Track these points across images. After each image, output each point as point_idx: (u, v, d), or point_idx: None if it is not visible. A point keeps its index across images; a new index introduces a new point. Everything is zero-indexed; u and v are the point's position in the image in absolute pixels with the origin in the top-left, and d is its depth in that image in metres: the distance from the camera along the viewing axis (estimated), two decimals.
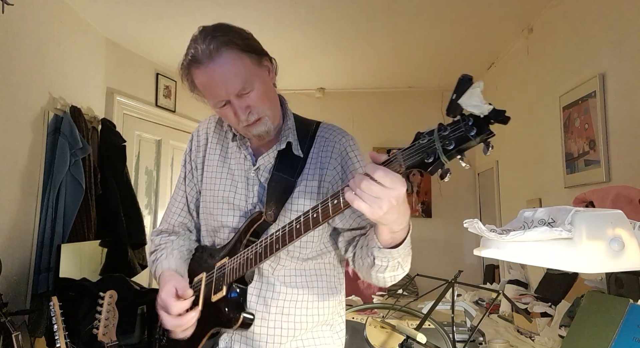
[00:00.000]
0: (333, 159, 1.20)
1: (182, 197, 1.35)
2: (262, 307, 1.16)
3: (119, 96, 3.67)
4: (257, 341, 1.17)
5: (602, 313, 1.00)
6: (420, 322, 1.73)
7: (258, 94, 1.13)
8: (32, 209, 2.67)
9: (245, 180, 1.23)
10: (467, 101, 0.70)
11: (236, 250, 1.16)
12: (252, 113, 1.13)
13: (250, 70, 1.12)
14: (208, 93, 1.14)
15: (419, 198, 4.80)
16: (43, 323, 2.52)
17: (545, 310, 2.35)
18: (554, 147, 2.82)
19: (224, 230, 1.23)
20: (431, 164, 0.76)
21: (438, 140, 0.75)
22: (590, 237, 0.87)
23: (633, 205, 1.54)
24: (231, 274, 1.13)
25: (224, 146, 1.29)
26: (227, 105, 1.13)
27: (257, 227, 1.15)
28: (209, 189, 1.27)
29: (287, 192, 1.17)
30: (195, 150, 1.34)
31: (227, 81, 1.09)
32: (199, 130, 1.36)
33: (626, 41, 2.17)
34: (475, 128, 0.71)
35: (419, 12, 3.13)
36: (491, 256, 1.02)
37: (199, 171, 1.31)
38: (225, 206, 1.23)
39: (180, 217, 1.35)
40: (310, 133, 1.25)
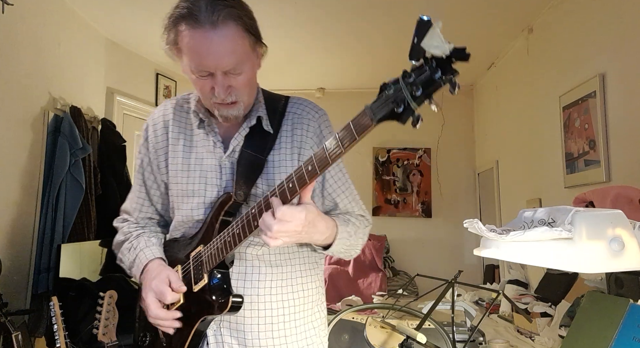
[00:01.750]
0: (309, 138, 1.17)
1: (140, 191, 1.28)
2: (249, 291, 1.13)
3: (119, 96, 3.67)
4: (248, 325, 1.14)
5: (602, 313, 1.00)
6: (420, 322, 1.73)
7: (245, 78, 1.08)
8: (32, 209, 2.67)
9: (218, 169, 1.16)
10: (428, 43, 0.70)
11: (209, 236, 1.11)
12: (231, 94, 1.08)
13: (246, 52, 1.07)
14: (193, 58, 1.04)
15: (419, 198, 4.80)
16: (43, 323, 2.52)
17: (545, 310, 2.35)
18: (554, 147, 2.82)
19: (197, 224, 1.18)
20: (402, 114, 0.76)
21: (405, 87, 0.75)
22: (590, 237, 0.87)
23: (633, 205, 1.54)
24: (210, 261, 1.09)
25: (187, 134, 1.21)
26: (208, 77, 1.06)
27: (228, 209, 1.11)
28: (176, 183, 1.20)
29: (257, 170, 1.13)
30: (154, 140, 1.25)
31: (221, 55, 1.02)
32: (155, 119, 1.26)
33: (626, 41, 2.17)
34: (440, 69, 0.71)
35: (419, 12, 3.12)
36: (491, 256, 1.02)
37: (163, 164, 1.23)
38: (196, 200, 1.17)
39: (142, 212, 1.29)
40: (279, 108, 1.21)
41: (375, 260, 4.33)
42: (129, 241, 1.25)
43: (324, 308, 1.27)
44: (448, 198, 4.74)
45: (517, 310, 2.21)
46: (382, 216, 4.82)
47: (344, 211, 1.21)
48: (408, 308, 1.98)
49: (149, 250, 1.20)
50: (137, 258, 1.20)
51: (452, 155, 4.77)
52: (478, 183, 4.65)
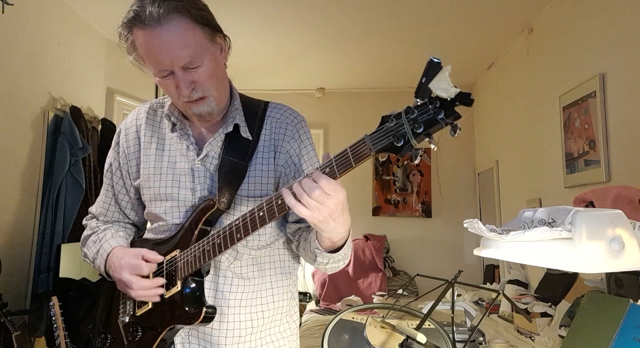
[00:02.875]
0: (285, 142, 1.15)
1: (107, 197, 1.27)
2: (220, 302, 1.11)
3: (119, 96, 3.67)
4: (215, 337, 1.11)
5: (602, 313, 1.00)
6: (420, 322, 1.73)
7: (206, 71, 1.04)
8: (32, 209, 2.67)
9: (191, 173, 1.14)
10: (436, 85, 0.72)
11: (187, 241, 1.08)
12: (196, 90, 1.05)
13: (201, 44, 1.03)
14: (150, 59, 1.03)
15: (419, 198, 4.80)
16: (43, 323, 2.52)
17: (545, 310, 2.35)
18: (554, 147, 2.82)
19: (172, 227, 1.15)
20: (401, 148, 0.77)
21: (407, 123, 0.76)
22: (590, 237, 0.87)
23: (633, 205, 1.54)
24: (185, 267, 1.06)
25: (160, 138, 1.19)
26: (169, 76, 1.03)
27: (210, 216, 1.08)
28: (149, 187, 1.17)
29: (239, 177, 1.11)
30: (125, 145, 1.22)
31: (174, 50, 0.99)
32: (127, 123, 1.24)
33: (626, 41, 2.17)
34: (443, 111, 0.73)
35: (419, 12, 3.13)
36: (491, 256, 1.02)
37: (134, 168, 1.21)
38: (169, 204, 1.14)
39: (108, 216, 1.27)
40: (259, 113, 1.18)
41: (375, 260, 4.34)
42: (96, 234, 1.23)
43: (296, 318, 1.25)
44: (448, 198, 4.74)
45: (517, 310, 2.21)
46: (382, 216, 4.82)
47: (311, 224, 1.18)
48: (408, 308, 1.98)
49: (114, 240, 1.19)
50: (100, 248, 1.18)
51: (452, 155, 4.77)
52: (478, 183, 4.65)
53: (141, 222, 1.30)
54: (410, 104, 0.77)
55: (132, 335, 1.15)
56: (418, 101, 0.75)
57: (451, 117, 0.73)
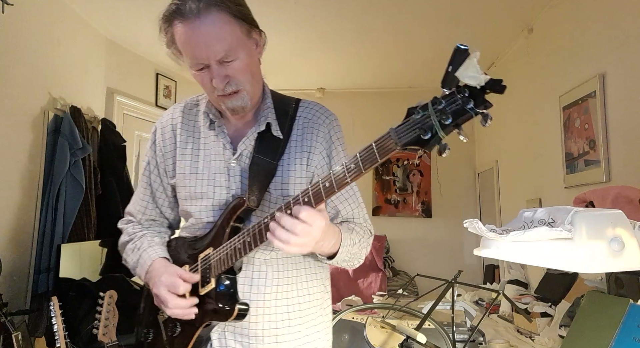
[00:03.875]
0: (318, 144, 1.17)
1: (145, 194, 1.28)
2: (256, 296, 1.12)
3: (119, 96, 3.67)
4: (253, 330, 1.12)
5: (602, 313, 1.00)
6: (420, 322, 1.73)
7: (241, 65, 1.06)
8: (32, 209, 2.67)
9: (226, 171, 1.16)
10: (464, 73, 0.68)
11: (219, 239, 1.10)
12: (230, 84, 1.07)
13: (237, 38, 1.05)
14: (187, 52, 1.06)
15: (419, 198, 4.80)
16: (43, 323, 2.52)
17: (545, 310, 2.35)
18: (554, 147, 2.82)
19: (206, 225, 1.17)
20: (428, 141, 0.73)
21: (434, 114, 0.72)
22: (590, 237, 0.87)
23: (633, 205, 1.54)
24: (219, 265, 1.08)
25: (196, 137, 1.21)
26: (205, 69, 1.06)
27: (241, 214, 1.10)
28: (184, 185, 1.19)
29: (269, 176, 1.12)
30: (161, 144, 1.25)
31: (210, 43, 1.02)
32: (163, 122, 1.26)
33: (626, 41, 2.17)
34: (473, 100, 0.69)
35: (419, 12, 3.13)
36: (491, 256, 1.02)
37: (170, 167, 1.23)
38: (204, 203, 1.16)
39: (146, 215, 1.29)
40: (290, 112, 1.20)
41: (375, 260, 4.33)
42: (133, 242, 1.25)
43: (329, 312, 1.26)
44: (448, 198, 4.74)
45: (517, 310, 2.21)
46: (382, 216, 4.82)
47: (345, 219, 1.20)
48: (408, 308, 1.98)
49: (152, 250, 1.20)
50: (140, 258, 1.20)
51: (452, 155, 4.73)
52: (478, 183, 4.65)
53: (177, 220, 1.33)
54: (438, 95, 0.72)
55: (171, 330, 1.18)
56: (445, 91, 0.71)
57: (482, 106, 0.69)
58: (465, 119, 0.71)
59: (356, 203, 1.22)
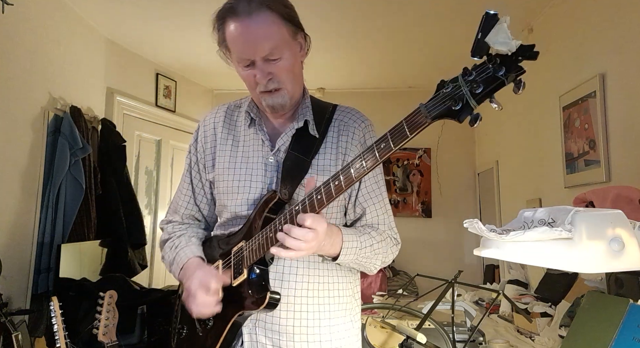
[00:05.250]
0: (353, 146, 1.20)
1: (187, 189, 1.33)
2: (287, 291, 1.14)
3: (119, 96, 3.67)
4: (284, 326, 1.14)
5: (602, 313, 1.00)
6: (420, 322, 1.73)
7: (285, 64, 1.12)
8: (32, 209, 2.67)
9: (264, 166, 1.20)
10: (494, 39, 0.66)
11: (252, 231, 1.13)
12: (272, 81, 1.12)
13: (283, 38, 1.11)
14: (235, 48, 1.11)
15: (419, 198, 4.80)
16: (43, 323, 2.52)
17: (545, 310, 2.35)
18: (554, 147, 2.82)
19: (241, 220, 1.21)
20: (460, 112, 0.72)
21: (464, 85, 0.72)
22: (590, 237, 0.87)
23: (633, 205, 1.54)
24: (251, 256, 1.11)
25: (236, 134, 1.27)
26: (250, 66, 1.12)
27: (273, 206, 1.13)
28: (223, 180, 1.24)
29: (302, 171, 1.16)
30: (202, 141, 1.30)
31: (258, 41, 1.08)
32: (206, 121, 1.33)
33: (626, 41, 2.17)
34: (504, 67, 0.68)
35: (419, 12, 3.13)
36: (491, 256, 1.02)
37: (210, 163, 1.28)
38: (240, 197, 1.20)
39: (187, 210, 1.34)
40: (327, 114, 1.24)
41: None
42: (172, 240, 1.30)
43: (358, 318, 1.27)
44: (448, 198, 4.74)
45: (517, 310, 2.20)
46: None
47: (369, 223, 1.22)
48: (408, 308, 1.98)
49: (189, 249, 1.25)
50: (177, 256, 1.25)
51: (452, 155, 4.77)
52: (478, 183, 4.65)
53: (213, 219, 1.36)
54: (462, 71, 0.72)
55: (204, 323, 1.21)
56: (476, 61, 0.70)
57: (513, 73, 0.68)
58: (497, 87, 0.70)
59: (383, 209, 1.24)
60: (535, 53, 0.66)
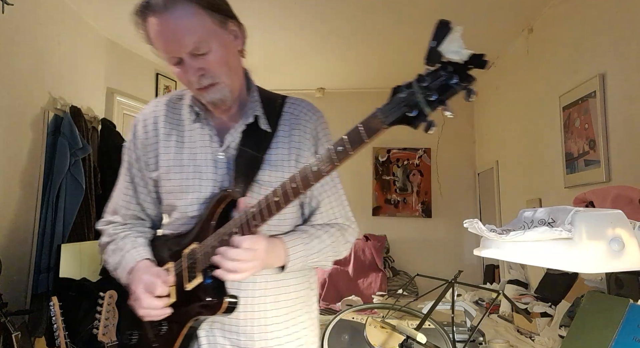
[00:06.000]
0: (307, 140, 1.17)
1: (127, 188, 1.24)
2: (244, 292, 1.10)
3: (119, 96, 3.67)
4: (243, 327, 1.11)
5: (602, 313, 1.00)
6: (420, 322, 1.73)
7: (215, 57, 1.04)
8: (32, 209, 2.67)
9: (213, 164, 1.13)
10: (447, 48, 0.67)
11: (205, 233, 1.07)
12: (205, 77, 1.05)
13: (209, 30, 1.03)
14: (159, 46, 1.05)
15: (419, 198, 4.80)
16: (43, 323, 2.52)
17: (545, 310, 2.35)
18: (554, 147, 2.82)
19: (191, 220, 1.14)
20: (415, 118, 0.73)
21: (419, 91, 0.72)
22: (590, 237, 0.87)
23: (633, 205, 1.54)
24: (205, 259, 1.05)
25: (180, 130, 1.18)
26: (180, 64, 1.05)
27: (226, 206, 1.07)
28: (169, 179, 1.16)
29: (254, 168, 1.11)
30: (143, 137, 1.20)
31: (179, 36, 1.00)
32: (145, 115, 1.22)
33: (626, 41, 2.17)
34: (457, 75, 0.69)
35: (419, 12, 3.13)
36: (491, 256, 1.02)
37: (152, 161, 1.19)
38: (190, 196, 1.13)
39: (129, 210, 1.24)
40: (277, 107, 1.19)
41: (375, 260, 4.34)
42: (115, 243, 1.21)
43: (315, 308, 1.26)
44: (448, 198, 4.74)
45: (517, 310, 2.20)
46: (382, 216, 4.82)
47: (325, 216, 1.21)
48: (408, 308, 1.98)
49: (136, 251, 1.17)
50: (123, 260, 1.16)
51: (452, 155, 4.77)
52: (478, 183, 4.65)
53: (159, 217, 1.28)
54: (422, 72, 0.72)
55: (157, 329, 1.15)
56: (429, 68, 0.72)
57: (465, 81, 0.69)
58: (450, 95, 0.71)
59: (338, 200, 1.22)
60: (484, 62, 0.68)
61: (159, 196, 1.22)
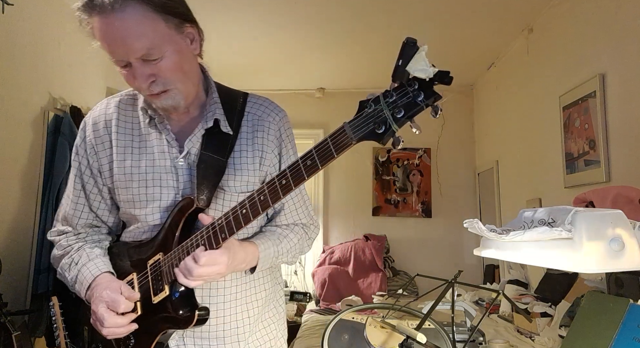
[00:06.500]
0: (270, 142, 1.12)
1: (79, 196, 1.15)
2: (215, 299, 1.09)
3: None
4: (214, 332, 1.10)
5: (602, 313, 1.00)
6: (420, 322, 1.73)
7: (168, 63, 0.96)
8: (32, 209, 2.67)
9: (174, 170, 1.07)
10: (413, 67, 0.69)
11: (169, 244, 1.03)
12: (156, 83, 0.98)
13: (162, 34, 0.95)
14: (105, 48, 0.96)
15: (419, 198, 4.80)
16: (43, 323, 2.52)
17: (545, 310, 2.35)
18: (554, 147, 2.82)
19: (153, 228, 1.09)
20: (383, 135, 0.74)
21: (386, 108, 0.73)
22: (590, 237, 0.87)
23: (633, 205, 1.54)
24: (171, 271, 1.00)
25: (135, 135, 1.10)
26: (128, 67, 0.97)
27: (189, 215, 1.02)
28: (126, 187, 1.09)
29: (219, 173, 1.06)
30: (93, 142, 1.12)
31: (127, 40, 0.92)
32: (95, 118, 1.14)
33: (626, 41, 2.17)
34: (422, 92, 0.70)
35: (419, 12, 3.13)
36: (491, 256, 1.02)
37: (106, 167, 1.11)
38: (151, 205, 1.08)
39: (82, 219, 1.16)
40: (237, 107, 1.13)
41: (375, 260, 4.34)
42: (69, 256, 1.14)
43: (282, 302, 1.27)
44: (448, 198, 4.74)
45: (517, 310, 2.21)
46: (382, 216, 4.82)
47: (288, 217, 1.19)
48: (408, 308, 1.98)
49: (93, 264, 1.10)
50: (79, 274, 1.10)
51: (452, 155, 4.77)
52: (478, 183, 4.65)
53: (117, 224, 1.21)
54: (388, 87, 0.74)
55: (124, 343, 1.10)
56: (395, 84, 0.73)
57: (431, 98, 0.71)
58: (417, 112, 0.72)
59: (301, 201, 1.20)
60: (450, 79, 0.70)
61: (115, 203, 1.16)
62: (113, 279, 1.09)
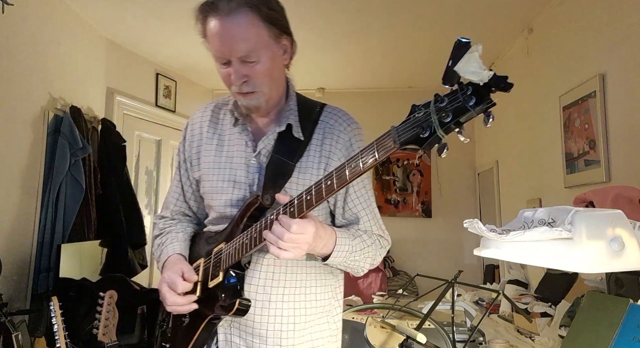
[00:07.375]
0: (337, 150, 1.17)
1: (177, 186, 1.34)
2: (262, 296, 1.14)
3: (119, 96, 3.67)
4: (257, 329, 1.14)
5: (602, 313, 1.00)
6: (420, 322, 1.73)
7: (262, 68, 1.10)
8: (32, 209, 2.67)
9: (246, 168, 1.19)
10: (464, 68, 0.64)
11: (233, 234, 1.13)
12: (247, 84, 1.10)
13: (262, 41, 1.09)
14: (213, 45, 1.10)
15: (419, 198, 4.80)
16: (43, 323, 2.52)
17: (545, 310, 2.35)
18: (554, 147, 2.82)
19: (226, 220, 1.20)
20: (427, 139, 0.71)
21: (434, 112, 0.71)
22: (590, 237, 0.87)
23: (633, 205, 1.54)
24: (227, 259, 1.10)
25: (221, 134, 1.25)
26: (227, 64, 1.10)
27: (254, 211, 1.11)
28: (208, 180, 1.23)
29: (285, 176, 1.13)
30: (189, 140, 1.30)
31: (233, 41, 1.06)
32: (194, 119, 1.32)
33: (626, 41, 2.17)
34: (474, 97, 0.66)
35: (419, 12, 3.13)
36: (491, 256, 1.02)
37: (196, 162, 1.28)
38: (224, 197, 1.19)
39: (177, 206, 1.34)
40: (313, 116, 1.21)
41: None
42: (160, 237, 1.31)
43: (338, 319, 1.26)
44: (448, 198, 4.74)
45: (517, 310, 2.21)
46: (382, 216, 4.72)
47: (362, 229, 1.21)
48: (408, 308, 1.98)
49: (172, 246, 1.24)
50: (162, 253, 1.25)
51: (452, 155, 4.73)
52: (478, 183, 4.65)
53: (204, 215, 1.34)
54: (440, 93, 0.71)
55: (179, 320, 1.21)
56: (448, 88, 0.70)
57: (484, 104, 0.66)
58: (467, 119, 0.69)
59: (373, 213, 1.25)
60: (509, 84, 0.65)
61: (201, 195, 1.29)
62: (179, 261, 1.20)
